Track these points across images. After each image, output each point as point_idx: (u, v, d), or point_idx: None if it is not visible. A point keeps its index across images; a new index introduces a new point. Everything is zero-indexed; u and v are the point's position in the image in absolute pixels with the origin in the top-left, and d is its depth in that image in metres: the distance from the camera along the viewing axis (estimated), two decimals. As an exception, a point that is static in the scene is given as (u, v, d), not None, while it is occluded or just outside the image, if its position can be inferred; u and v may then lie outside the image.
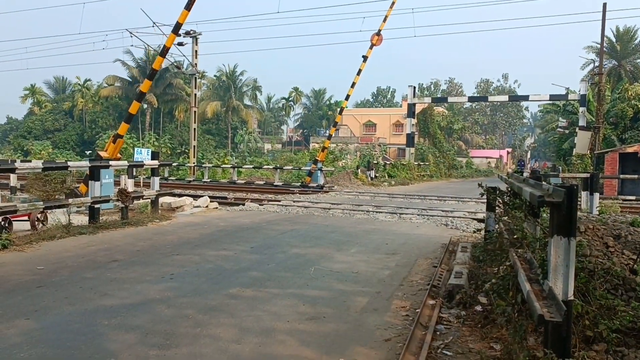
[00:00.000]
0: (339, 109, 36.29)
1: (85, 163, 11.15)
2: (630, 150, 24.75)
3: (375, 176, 31.38)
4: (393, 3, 29.72)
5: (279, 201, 17.64)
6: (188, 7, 18.50)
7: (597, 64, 31.50)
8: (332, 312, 5.28)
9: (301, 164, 33.16)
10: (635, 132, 30.98)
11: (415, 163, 39.25)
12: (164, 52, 19.66)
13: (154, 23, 26.05)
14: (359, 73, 30.02)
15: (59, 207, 9.99)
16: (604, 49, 33.67)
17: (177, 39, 29.74)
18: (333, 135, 33.43)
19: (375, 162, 35.14)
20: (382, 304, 5.62)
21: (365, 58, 29.88)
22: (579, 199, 14.61)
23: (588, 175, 14.59)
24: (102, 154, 16.88)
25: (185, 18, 18.83)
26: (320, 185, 25.06)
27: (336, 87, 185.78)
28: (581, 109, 33.70)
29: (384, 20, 29.86)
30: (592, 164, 27.68)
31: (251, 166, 34.78)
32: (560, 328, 3.27)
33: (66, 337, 4.42)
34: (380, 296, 5.93)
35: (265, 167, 33.29)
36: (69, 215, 9.82)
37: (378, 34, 29.72)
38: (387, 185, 29.59)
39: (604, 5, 26.78)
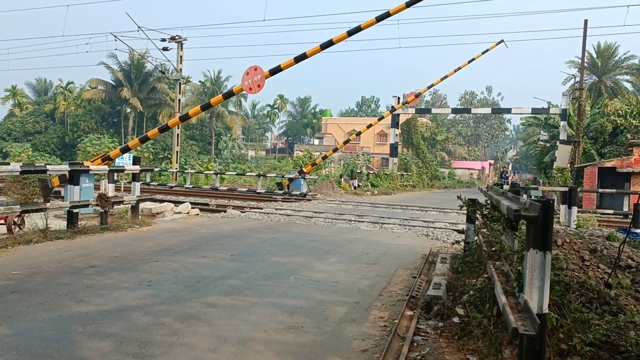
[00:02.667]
0: (347, 137, 37.38)
1: (65, 167, 11.01)
2: (609, 164, 25.14)
3: (359, 185, 31.46)
4: (446, 76, 30.68)
5: (261, 209, 17.59)
6: (226, 95, 18.05)
7: (578, 79, 32.01)
8: (310, 322, 5.26)
9: (285, 172, 33.14)
10: (614, 147, 31.48)
11: (399, 173, 39.46)
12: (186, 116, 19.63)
13: (139, 27, 25.97)
14: (380, 118, 31.32)
15: (37, 210, 9.85)
16: (585, 64, 34.24)
17: (162, 44, 29.74)
18: (317, 144, 33.71)
19: (359, 171, 35.27)
20: (361, 314, 5.62)
21: (393, 109, 31.01)
22: (557, 213, 14.80)
23: (567, 189, 14.78)
24: (87, 164, 16.64)
25: (229, 98, 18.76)
26: (303, 193, 25.04)
27: (321, 95, 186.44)
28: (562, 123, 34.25)
29: (428, 87, 31.05)
30: (572, 177, 28.05)
31: (234, 173, 34.66)
32: (534, 341, 3.30)
33: (39, 344, 4.35)
34: (359, 306, 5.93)
35: (248, 174, 33.19)
36: (46, 220, 9.68)
37: (417, 96, 30.97)
38: (370, 195, 29.67)
39: (585, 21, 27.29)
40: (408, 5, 15.27)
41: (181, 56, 30.81)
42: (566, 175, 28.44)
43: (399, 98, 41.84)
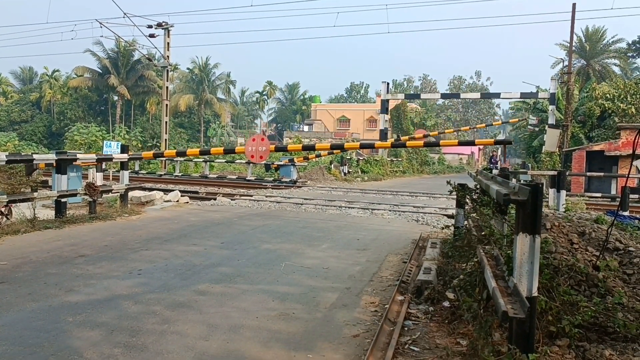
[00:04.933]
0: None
1: (52, 156, 10.89)
2: (597, 148, 25.32)
3: (349, 171, 31.48)
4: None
5: (251, 196, 17.55)
6: (228, 151, 18.10)
7: (566, 63, 32.09)
8: (301, 308, 5.27)
9: (275, 159, 33.04)
10: (602, 131, 31.71)
11: (388, 159, 39.50)
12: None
13: (125, 14, 25.62)
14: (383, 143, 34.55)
15: (24, 200, 9.75)
16: (574, 48, 34.32)
17: (149, 31, 29.35)
18: (307, 131, 33.64)
19: (349, 157, 35.25)
20: (352, 300, 5.64)
21: (398, 137, 36.59)
22: (546, 196, 14.90)
23: (556, 172, 14.87)
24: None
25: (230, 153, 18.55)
26: (293, 180, 25.02)
27: (310, 81, 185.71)
28: (551, 107, 34.37)
29: (439, 132, 33.81)
30: (560, 161, 28.25)
31: (224, 160, 34.48)
32: (523, 324, 3.32)
33: (29, 335, 4.32)
34: (350, 292, 5.95)
35: (237, 161, 33.04)
36: (34, 209, 9.59)
37: (426, 136, 34.85)
38: (360, 181, 29.71)
39: (574, 5, 27.28)
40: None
41: (168, 43, 30.45)
42: (555, 159, 28.63)
43: (388, 84, 41.80)
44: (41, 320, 4.69)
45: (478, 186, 6.62)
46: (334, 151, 30.96)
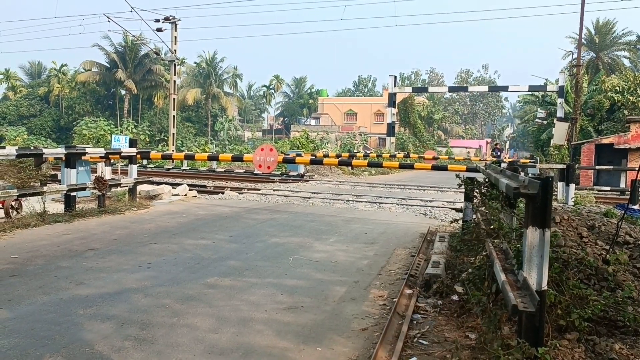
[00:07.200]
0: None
1: (61, 150, 10.96)
2: (606, 141, 25.15)
3: (356, 165, 31.39)
4: None
5: (259, 190, 17.59)
6: (236, 159, 17.63)
7: (576, 55, 31.83)
8: (310, 302, 5.29)
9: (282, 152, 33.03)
10: (611, 124, 31.47)
11: (396, 152, 39.42)
12: None
13: (132, 8, 25.66)
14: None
15: (34, 194, 9.82)
16: (583, 41, 34.04)
17: (156, 25, 29.38)
18: (314, 124, 33.58)
19: (356, 151, 35.22)
20: (360, 294, 5.65)
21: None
22: (555, 190, 14.84)
23: (564, 166, 14.79)
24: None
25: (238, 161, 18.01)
26: (300, 174, 25.03)
27: (317, 75, 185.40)
28: (559, 100, 34.17)
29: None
30: (569, 154, 28.08)
31: (231, 154, 34.56)
32: (533, 318, 3.32)
33: (40, 327, 4.36)
34: (358, 285, 5.96)
35: (245, 155, 33.05)
36: (44, 203, 9.65)
37: (435, 158, 36.13)
38: (367, 175, 29.66)
39: (583, -3, 27.00)
40: None
41: (175, 37, 30.49)
42: (563, 152, 28.47)
43: (395, 77, 41.71)
44: (52, 313, 4.73)
45: (487, 179, 6.60)
46: (342, 154, 30.93)
